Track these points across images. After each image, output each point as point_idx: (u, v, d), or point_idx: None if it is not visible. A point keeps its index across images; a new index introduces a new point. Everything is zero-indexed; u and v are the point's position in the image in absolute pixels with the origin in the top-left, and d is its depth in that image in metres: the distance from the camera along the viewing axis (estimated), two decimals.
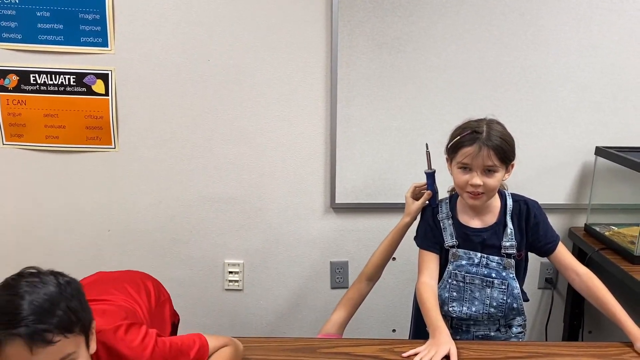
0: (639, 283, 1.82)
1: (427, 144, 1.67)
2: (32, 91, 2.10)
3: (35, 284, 0.98)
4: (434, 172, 1.66)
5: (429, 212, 1.64)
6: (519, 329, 1.62)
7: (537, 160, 2.19)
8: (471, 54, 2.11)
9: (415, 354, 1.34)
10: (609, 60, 2.14)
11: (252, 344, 1.41)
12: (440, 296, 1.57)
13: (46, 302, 0.95)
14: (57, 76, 2.09)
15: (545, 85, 2.15)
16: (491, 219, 1.57)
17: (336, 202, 2.24)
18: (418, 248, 1.64)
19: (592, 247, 2.10)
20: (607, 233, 2.14)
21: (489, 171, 1.47)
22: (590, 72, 2.15)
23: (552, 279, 2.36)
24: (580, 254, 2.14)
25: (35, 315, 0.93)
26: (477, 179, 1.46)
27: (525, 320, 1.62)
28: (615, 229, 2.17)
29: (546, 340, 2.37)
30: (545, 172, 2.22)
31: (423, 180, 1.69)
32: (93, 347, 1.05)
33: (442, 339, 1.36)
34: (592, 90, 2.16)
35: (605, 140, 2.19)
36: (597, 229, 2.18)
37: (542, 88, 2.15)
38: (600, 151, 2.16)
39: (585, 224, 2.25)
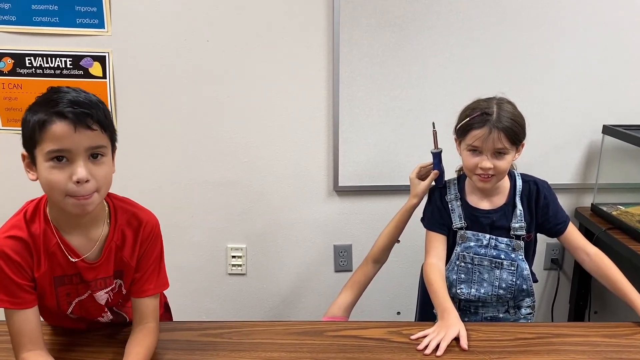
0: None
1: (433, 123, 1.63)
2: (28, 74, 2.06)
3: (77, 89, 1.12)
4: (441, 151, 1.63)
5: (437, 193, 1.61)
6: (528, 310, 1.60)
7: (544, 139, 2.16)
8: (476, 31, 2.07)
9: (424, 336, 1.32)
10: (617, 37, 2.10)
11: (258, 328, 1.39)
12: (448, 278, 1.54)
13: (87, 100, 1.09)
14: (53, 59, 2.05)
15: (552, 63, 2.11)
16: (500, 200, 1.54)
17: (339, 184, 2.21)
18: (425, 229, 1.61)
19: (599, 226, 2.08)
20: (614, 212, 2.12)
21: (499, 153, 1.44)
22: (598, 50, 2.11)
23: (558, 260, 2.34)
24: (587, 234, 2.11)
25: (79, 104, 1.07)
26: (488, 162, 1.43)
27: (534, 302, 1.60)
28: (623, 208, 2.14)
29: (552, 320, 2.36)
30: (551, 151, 2.19)
31: (428, 161, 1.66)
32: (113, 168, 1.16)
33: (451, 321, 1.34)
34: (599, 68, 2.12)
35: (613, 119, 2.16)
36: (604, 208, 2.16)
37: (549, 66, 2.11)
38: (607, 129, 2.13)
39: (592, 204, 2.22)
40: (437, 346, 1.28)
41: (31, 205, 1.20)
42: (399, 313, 2.38)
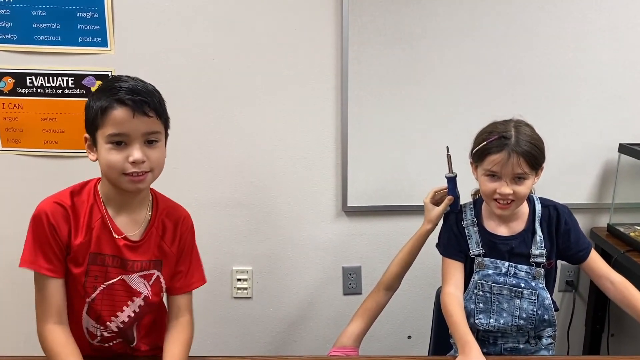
0: None
1: (447, 147, 1.58)
2: (28, 94, 2.01)
3: (136, 79, 1.21)
4: (456, 176, 1.57)
5: (453, 218, 1.55)
6: (549, 340, 1.53)
7: (558, 158, 2.10)
8: (488, 49, 2.02)
9: None
10: (633, 55, 2.05)
11: None
12: (465, 308, 1.48)
13: (145, 88, 1.20)
14: (55, 78, 2.00)
15: (567, 81, 2.06)
16: (519, 225, 1.49)
17: (348, 205, 2.15)
18: (440, 255, 1.55)
19: (616, 248, 2.02)
20: (631, 234, 2.06)
21: (519, 179, 1.38)
22: (613, 67, 2.06)
23: (572, 281, 2.28)
24: (603, 255, 2.04)
25: (137, 92, 1.17)
26: (507, 188, 1.38)
27: (555, 331, 1.54)
28: None
29: (568, 344, 2.29)
30: (566, 171, 2.13)
31: (438, 182, 1.61)
32: (165, 153, 1.26)
33: (472, 356, 1.27)
34: (615, 86, 2.07)
35: (629, 137, 2.10)
36: (621, 229, 2.10)
37: (563, 84, 2.06)
38: (623, 148, 2.08)
39: (608, 224, 2.16)
40: None
41: (79, 184, 1.28)
42: (409, 337, 2.31)
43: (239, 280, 2.23)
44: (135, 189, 1.21)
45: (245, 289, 2.24)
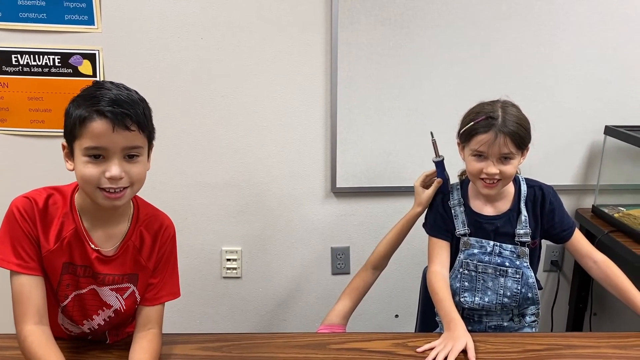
0: None
1: (431, 133, 1.59)
2: (14, 73, 1.98)
3: (119, 86, 1.14)
4: (443, 159, 1.59)
5: (439, 198, 1.57)
6: (532, 318, 1.56)
7: (544, 140, 2.10)
8: (478, 31, 2.02)
9: (430, 349, 1.28)
10: (620, 38, 2.07)
11: (257, 340, 1.34)
12: (451, 286, 1.50)
13: (128, 99, 1.11)
14: (41, 57, 1.97)
15: (554, 63, 2.07)
16: (505, 205, 1.51)
17: (337, 186, 2.16)
18: (426, 234, 1.57)
19: (601, 229, 2.05)
20: (616, 215, 2.09)
21: (505, 158, 1.40)
22: (600, 50, 2.07)
23: (557, 262, 2.32)
24: (588, 236, 2.05)
25: (119, 103, 1.09)
26: (493, 168, 1.40)
27: (538, 309, 1.57)
28: (625, 210, 2.11)
29: (552, 323, 2.34)
30: (552, 153, 2.16)
31: (427, 163, 1.62)
32: (148, 165, 1.19)
33: (458, 332, 1.30)
34: (601, 69, 2.09)
35: (615, 119, 2.12)
36: (606, 210, 2.13)
37: (551, 66, 2.07)
38: (609, 130, 2.10)
39: (593, 205, 2.19)
40: (445, 358, 1.24)
41: (56, 188, 1.22)
42: (397, 316, 2.35)
43: (228, 260, 2.24)
44: (111, 205, 1.14)
45: (235, 268, 2.25)
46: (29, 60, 1.97)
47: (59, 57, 1.98)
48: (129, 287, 1.23)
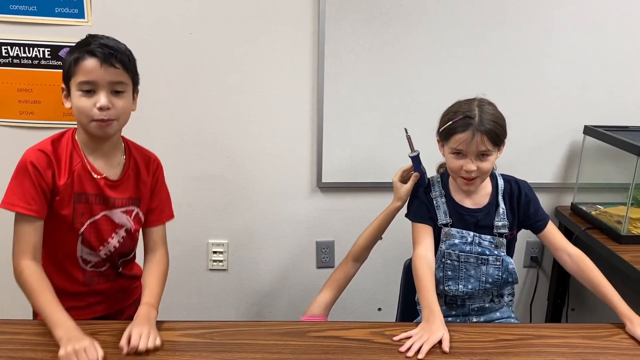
0: (626, 263, 1.83)
1: (405, 129, 1.64)
2: (4, 64, 2.00)
3: (111, 38, 1.36)
4: (418, 154, 1.63)
5: (421, 190, 1.62)
6: (509, 297, 1.65)
7: (525, 139, 2.16)
8: (462, 30, 2.07)
9: (407, 338, 1.32)
10: (600, 38, 2.11)
11: (240, 328, 1.38)
12: (435, 276, 1.54)
13: (116, 45, 1.34)
14: (31, 49, 1.99)
15: (534, 63, 2.12)
16: (484, 199, 1.56)
17: (323, 181, 2.20)
18: (409, 225, 1.61)
19: (579, 226, 2.10)
20: (593, 212, 2.14)
21: (482, 155, 1.45)
22: (580, 51, 2.12)
23: (537, 257, 2.37)
24: (566, 233, 2.14)
25: (107, 46, 1.31)
26: (471, 165, 1.45)
27: (513, 288, 1.65)
28: (602, 208, 2.17)
29: (530, 317, 2.39)
30: (532, 151, 2.20)
31: (409, 164, 1.66)
32: (134, 107, 1.41)
33: (435, 325, 1.33)
34: (581, 69, 2.14)
35: (594, 119, 2.17)
36: (584, 208, 2.18)
37: (531, 66, 2.12)
38: (588, 130, 2.15)
39: (572, 203, 2.25)
40: (419, 348, 1.28)
41: (58, 133, 1.41)
42: (380, 309, 2.39)
43: (214, 252, 2.27)
44: (102, 133, 1.34)
45: (221, 261, 2.28)
46: (18, 52, 1.99)
47: (49, 49, 2.00)
48: (133, 209, 1.46)
